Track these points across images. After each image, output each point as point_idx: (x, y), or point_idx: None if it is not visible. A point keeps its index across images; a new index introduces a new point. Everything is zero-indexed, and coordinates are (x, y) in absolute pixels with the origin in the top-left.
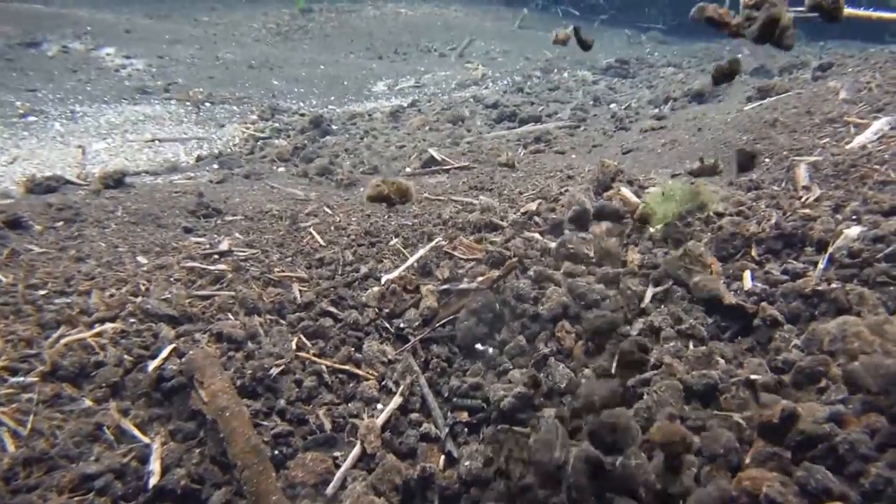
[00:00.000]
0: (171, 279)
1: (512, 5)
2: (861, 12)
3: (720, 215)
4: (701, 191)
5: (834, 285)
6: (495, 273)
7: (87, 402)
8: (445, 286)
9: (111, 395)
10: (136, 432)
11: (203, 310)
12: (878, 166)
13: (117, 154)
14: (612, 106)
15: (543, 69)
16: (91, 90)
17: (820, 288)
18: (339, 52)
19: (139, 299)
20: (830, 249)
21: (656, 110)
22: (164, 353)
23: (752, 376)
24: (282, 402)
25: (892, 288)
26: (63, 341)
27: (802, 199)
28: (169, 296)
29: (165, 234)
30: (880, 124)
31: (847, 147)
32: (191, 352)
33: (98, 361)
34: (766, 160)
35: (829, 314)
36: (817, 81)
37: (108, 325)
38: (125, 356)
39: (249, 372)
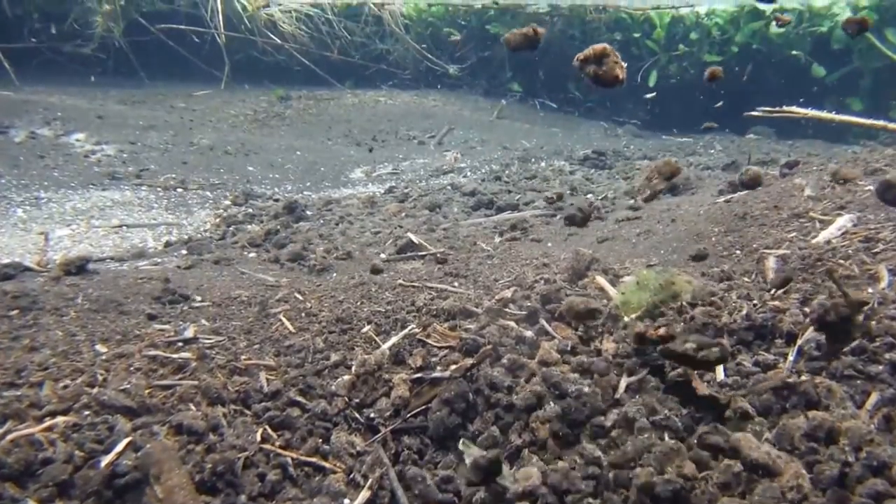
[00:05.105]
0: (132, 368)
1: (490, 96)
2: (824, 115)
3: (693, 305)
4: (675, 280)
5: (803, 378)
6: (469, 361)
7: (31, 503)
8: (418, 374)
9: (58, 495)
10: None
11: (163, 400)
12: (842, 261)
13: (81, 240)
14: (589, 196)
15: (521, 158)
16: (58, 176)
17: (790, 380)
18: (316, 139)
19: (95, 390)
20: (799, 342)
21: (632, 201)
22: (119, 448)
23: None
24: (243, 498)
25: (858, 381)
26: (9, 437)
27: (772, 292)
28: (128, 386)
29: (128, 321)
30: (843, 221)
31: (813, 242)
32: (148, 445)
33: (46, 458)
34: (738, 252)
35: (800, 407)
36: (785, 178)
37: (60, 419)
38: (76, 451)
39: (209, 466)
